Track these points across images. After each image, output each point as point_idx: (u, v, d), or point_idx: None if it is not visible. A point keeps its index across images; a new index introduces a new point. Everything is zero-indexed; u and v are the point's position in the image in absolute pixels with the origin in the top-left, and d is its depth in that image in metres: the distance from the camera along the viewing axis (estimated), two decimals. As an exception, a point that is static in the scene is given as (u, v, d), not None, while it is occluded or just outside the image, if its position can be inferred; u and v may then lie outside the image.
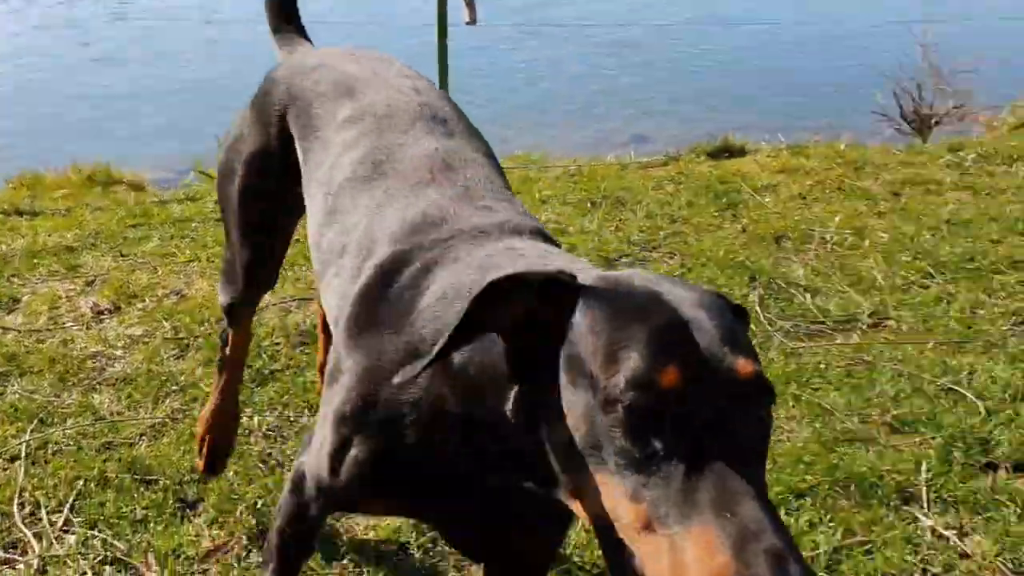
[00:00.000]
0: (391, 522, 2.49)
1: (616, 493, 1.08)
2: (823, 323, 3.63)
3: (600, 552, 1.40)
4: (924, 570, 2.31)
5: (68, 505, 2.57)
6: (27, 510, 2.57)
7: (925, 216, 4.79)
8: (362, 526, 2.51)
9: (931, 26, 9.18)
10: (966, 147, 6.06)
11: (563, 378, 1.18)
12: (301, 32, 2.61)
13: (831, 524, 2.47)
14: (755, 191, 5.34)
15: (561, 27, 11.45)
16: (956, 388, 3.12)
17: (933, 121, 8.77)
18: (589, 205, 5.10)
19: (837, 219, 4.78)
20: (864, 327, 3.60)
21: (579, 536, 2.42)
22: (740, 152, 6.22)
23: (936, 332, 3.55)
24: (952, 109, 8.74)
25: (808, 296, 3.87)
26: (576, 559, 2.39)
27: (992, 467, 2.73)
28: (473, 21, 6.15)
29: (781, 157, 6.00)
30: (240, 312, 2.57)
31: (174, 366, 3.32)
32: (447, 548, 2.40)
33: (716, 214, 4.98)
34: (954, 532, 2.46)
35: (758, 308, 3.73)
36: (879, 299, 3.82)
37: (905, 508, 2.55)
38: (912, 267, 4.12)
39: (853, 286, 3.95)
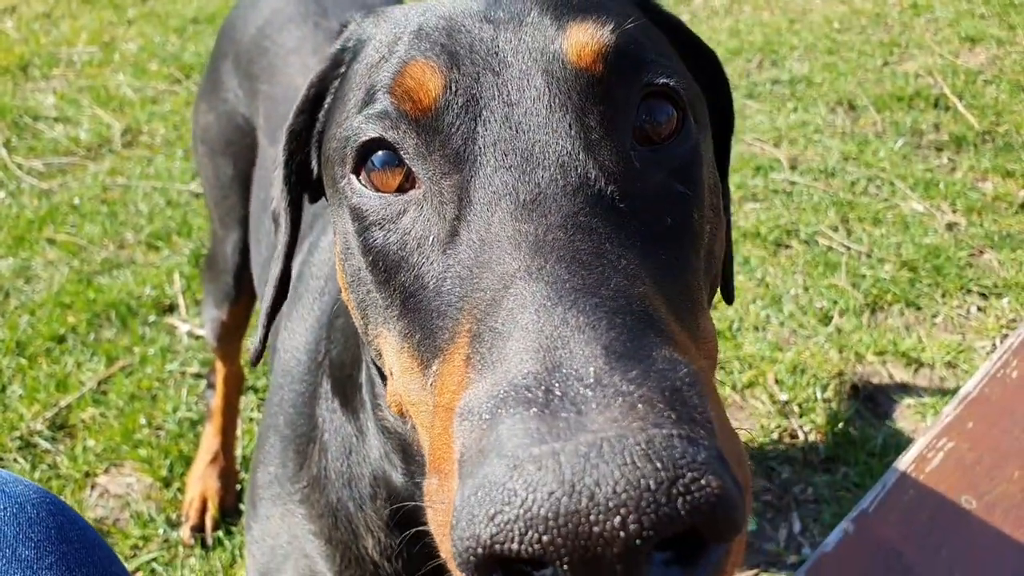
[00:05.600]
0: None
1: (391, 347, 0.76)
2: (75, 153, 3.56)
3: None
4: (182, 372, 2.52)
5: None
6: None
7: (171, 18, 4.83)
8: None
9: None
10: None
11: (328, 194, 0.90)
12: None
13: (95, 358, 2.55)
14: (-6, 16, 4.89)
15: None
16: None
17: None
18: None
19: (84, 36, 4.61)
20: (118, 148, 3.61)
21: None
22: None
23: (186, 140, 3.69)
24: None
25: (58, 127, 3.74)
26: None
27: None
28: None
29: (18, -28, 5.51)
30: (230, 335, 2.06)
31: None
32: None
33: (-50, 51, 4.48)
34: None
35: (4, 152, 3.52)
36: (131, 115, 3.83)
37: (166, 320, 2.71)
38: (160, 75, 4.17)
39: (104, 106, 3.90)
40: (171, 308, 2.76)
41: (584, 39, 0.74)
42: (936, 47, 4.02)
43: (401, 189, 0.75)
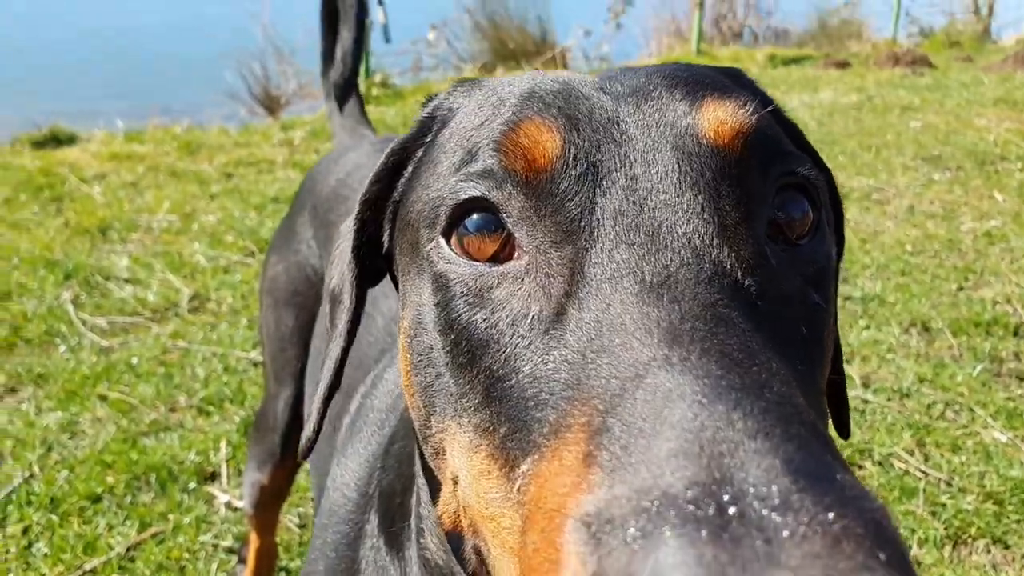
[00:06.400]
0: None
1: (461, 446, 0.67)
2: (140, 315, 3.58)
3: None
4: (215, 545, 2.39)
5: None
6: None
7: (253, 195, 4.99)
8: None
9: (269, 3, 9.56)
10: (296, 126, 6.44)
11: (400, 265, 0.83)
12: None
13: (128, 522, 2.44)
14: (83, 181, 5.11)
15: None
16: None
17: (282, 101, 9.20)
18: None
19: (166, 205, 4.77)
20: (184, 313, 3.63)
21: None
22: (70, 141, 5.90)
23: (253, 309, 3.71)
24: (297, 89, 9.25)
25: (127, 288, 3.79)
26: None
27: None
28: None
29: (115, 144, 5.82)
30: (269, 502, 2.01)
31: None
32: None
33: (38, 209, 4.66)
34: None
35: (71, 308, 3.56)
36: (201, 282, 3.88)
37: (205, 488, 2.61)
38: (235, 247, 4.26)
39: (176, 272, 3.96)
40: (213, 476, 2.66)
41: (723, 116, 0.69)
42: (1012, 276, 3.94)
43: (496, 259, 0.67)
